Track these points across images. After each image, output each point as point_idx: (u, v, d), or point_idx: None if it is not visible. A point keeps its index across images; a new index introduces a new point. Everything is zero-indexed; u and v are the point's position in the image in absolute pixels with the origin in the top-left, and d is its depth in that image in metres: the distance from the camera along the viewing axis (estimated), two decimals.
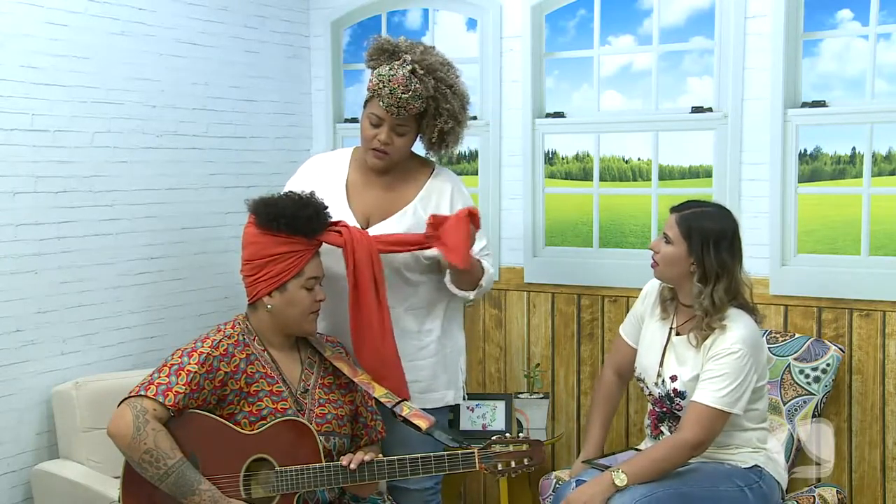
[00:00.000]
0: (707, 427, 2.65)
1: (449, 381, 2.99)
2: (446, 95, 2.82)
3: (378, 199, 2.90)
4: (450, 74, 2.85)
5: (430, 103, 2.81)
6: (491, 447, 2.56)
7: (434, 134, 2.86)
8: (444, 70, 2.83)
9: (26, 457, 3.19)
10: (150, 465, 2.37)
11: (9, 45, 3.09)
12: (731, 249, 2.73)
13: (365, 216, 2.89)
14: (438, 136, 2.87)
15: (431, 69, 2.80)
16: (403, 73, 2.74)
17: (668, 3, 3.61)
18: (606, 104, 3.77)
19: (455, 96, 2.85)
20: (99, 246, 3.39)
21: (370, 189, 2.91)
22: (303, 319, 2.60)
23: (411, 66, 2.76)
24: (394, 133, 2.82)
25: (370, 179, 2.92)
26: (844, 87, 3.35)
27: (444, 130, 2.85)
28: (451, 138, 2.90)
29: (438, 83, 2.80)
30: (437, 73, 2.80)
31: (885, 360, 3.29)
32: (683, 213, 2.76)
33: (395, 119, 2.79)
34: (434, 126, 2.84)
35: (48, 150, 3.21)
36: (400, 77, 2.74)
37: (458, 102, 2.86)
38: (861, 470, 3.36)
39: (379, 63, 2.82)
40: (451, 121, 2.85)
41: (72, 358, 3.31)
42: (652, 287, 2.98)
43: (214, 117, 3.83)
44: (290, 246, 2.57)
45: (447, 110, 2.82)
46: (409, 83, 2.74)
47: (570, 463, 3.51)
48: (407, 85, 2.74)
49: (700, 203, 2.82)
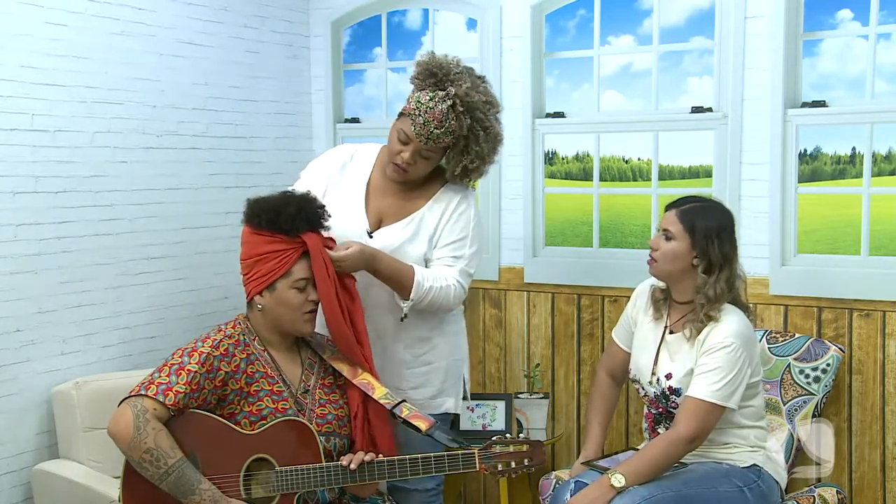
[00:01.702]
0: (701, 421, 2.65)
1: (450, 388, 2.98)
2: (479, 137, 2.79)
3: (393, 203, 2.90)
4: (489, 116, 2.81)
5: (461, 140, 2.79)
6: (491, 447, 2.56)
7: (458, 169, 2.84)
8: (484, 110, 2.79)
9: (26, 457, 3.19)
10: (151, 465, 2.37)
11: (9, 45, 3.09)
12: (731, 241, 2.77)
13: (378, 217, 2.90)
14: (462, 172, 2.85)
15: (472, 108, 2.76)
16: (441, 109, 2.71)
17: (668, 3, 3.61)
18: (606, 104, 3.77)
19: (487, 139, 2.81)
20: (99, 246, 3.39)
21: (387, 192, 2.91)
22: (295, 320, 2.60)
23: (452, 100, 2.73)
24: (418, 155, 2.80)
25: (388, 184, 2.92)
26: (844, 87, 3.35)
27: (468, 168, 2.84)
28: (475, 175, 2.89)
29: (474, 123, 2.77)
30: (475, 114, 2.77)
31: (885, 360, 3.29)
32: (683, 209, 2.77)
33: (424, 145, 2.77)
34: (459, 162, 2.83)
35: (48, 150, 3.21)
36: (437, 112, 2.71)
37: (489, 146, 2.82)
38: (861, 470, 3.36)
39: (423, 86, 2.78)
40: (478, 161, 2.83)
41: (72, 358, 3.31)
42: (642, 289, 2.98)
43: (214, 117, 3.83)
44: (275, 245, 2.56)
45: (476, 152, 2.81)
46: (444, 119, 2.72)
47: (570, 463, 3.51)
48: (441, 121, 2.72)
49: (696, 198, 2.84)
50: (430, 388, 2.94)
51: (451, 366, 2.97)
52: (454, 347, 2.99)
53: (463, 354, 3.04)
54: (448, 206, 2.89)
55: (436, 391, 2.95)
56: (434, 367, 2.94)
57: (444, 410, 2.97)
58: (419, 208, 2.89)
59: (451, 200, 2.90)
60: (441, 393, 2.96)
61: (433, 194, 2.91)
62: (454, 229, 2.88)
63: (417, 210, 2.89)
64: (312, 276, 2.59)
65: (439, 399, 2.96)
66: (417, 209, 2.89)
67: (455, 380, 3.00)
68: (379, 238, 2.85)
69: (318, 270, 2.58)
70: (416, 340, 2.91)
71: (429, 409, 2.87)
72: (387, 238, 2.85)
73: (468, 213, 2.90)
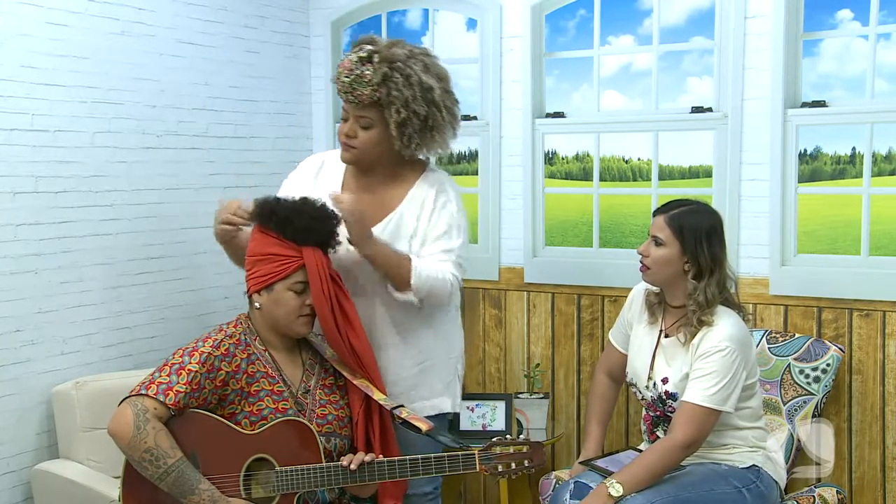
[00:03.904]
0: (698, 426, 2.65)
1: (446, 388, 2.90)
2: (398, 83, 2.67)
3: (372, 203, 2.81)
4: (410, 64, 2.69)
5: (382, 91, 2.68)
6: (491, 448, 2.56)
7: (393, 127, 2.71)
8: (405, 61, 2.69)
9: (26, 457, 3.19)
10: (150, 464, 2.37)
11: (9, 45, 3.09)
12: (720, 243, 2.77)
13: None
14: (398, 130, 2.70)
15: (389, 58, 2.68)
16: (352, 59, 2.69)
17: (668, 3, 3.61)
18: (606, 104, 3.77)
19: (409, 85, 2.67)
20: (99, 246, 3.39)
21: (365, 192, 2.83)
22: (291, 321, 2.60)
23: (367, 53, 2.68)
24: (357, 125, 2.74)
25: (365, 182, 2.85)
26: (844, 87, 3.35)
27: (399, 122, 2.69)
28: (413, 132, 2.71)
29: (392, 71, 2.67)
30: (394, 63, 2.68)
31: (885, 360, 3.29)
32: (671, 213, 2.77)
33: (354, 109, 2.71)
34: (390, 118, 2.70)
35: (48, 150, 3.21)
36: (346, 62, 2.69)
37: (412, 91, 2.67)
38: (861, 470, 3.36)
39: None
40: (405, 111, 2.67)
41: (72, 358, 3.31)
42: (637, 292, 2.98)
43: (214, 117, 3.83)
44: (280, 249, 2.56)
45: (397, 98, 2.67)
46: (354, 68, 2.67)
47: (570, 463, 3.51)
48: (352, 69, 2.67)
49: (682, 202, 2.82)
50: (425, 389, 2.86)
51: (446, 364, 2.90)
52: (449, 345, 2.91)
53: (458, 352, 2.96)
54: (426, 201, 2.81)
55: (432, 392, 2.87)
56: (428, 365, 2.86)
57: (441, 411, 2.89)
58: (396, 206, 2.81)
59: (427, 195, 2.81)
60: (437, 393, 2.88)
61: (409, 188, 2.83)
62: (438, 223, 2.79)
63: (395, 208, 2.81)
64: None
65: (436, 399, 2.88)
66: (395, 207, 2.81)
67: (451, 378, 2.92)
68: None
69: (314, 286, 2.57)
70: (409, 341, 2.83)
71: (426, 412, 2.82)
72: None
73: (449, 204, 2.82)
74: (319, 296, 2.57)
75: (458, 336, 2.97)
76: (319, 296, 2.57)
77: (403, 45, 2.75)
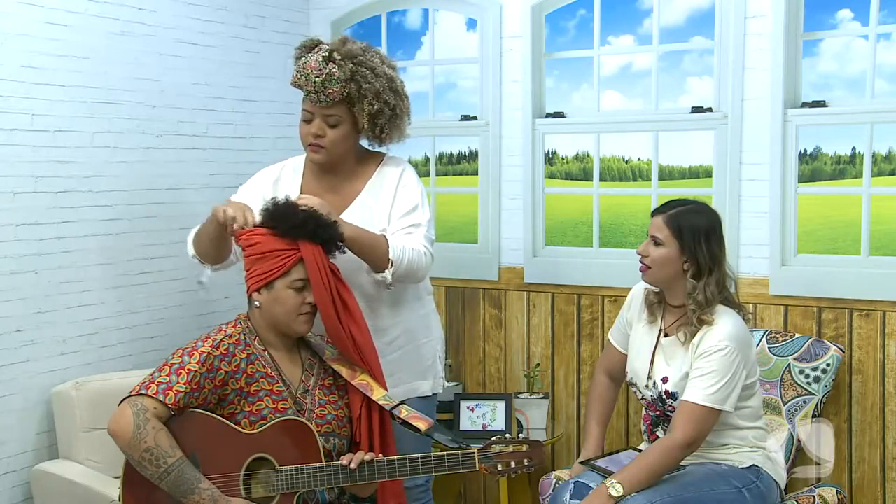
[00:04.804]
0: (698, 425, 2.65)
1: (425, 371, 2.94)
2: (366, 76, 2.75)
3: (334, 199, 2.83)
4: (371, 58, 2.78)
5: (352, 86, 2.74)
6: (491, 447, 2.56)
7: (365, 120, 2.78)
8: (364, 55, 2.77)
9: (26, 457, 3.19)
10: (150, 464, 2.37)
11: (9, 45, 3.09)
12: (719, 242, 2.77)
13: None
14: (370, 122, 2.79)
15: (350, 54, 2.75)
16: (316, 59, 2.72)
17: (668, 3, 3.61)
18: (606, 104, 3.77)
19: (377, 77, 2.76)
20: (99, 246, 3.39)
21: (326, 191, 2.86)
22: (290, 320, 2.60)
23: (327, 52, 2.74)
24: (325, 125, 2.78)
25: (326, 181, 2.89)
26: (844, 87, 3.35)
27: (372, 114, 2.77)
28: (384, 122, 2.80)
29: (358, 66, 2.75)
30: (356, 59, 2.75)
31: (885, 360, 3.29)
32: (669, 213, 2.77)
33: (322, 108, 2.76)
34: (362, 111, 2.77)
35: (48, 150, 3.22)
36: (312, 62, 2.72)
37: (381, 83, 2.76)
38: (861, 470, 3.36)
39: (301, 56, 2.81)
40: (378, 102, 2.76)
41: (72, 358, 3.31)
42: (636, 292, 2.98)
43: (214, 117, 3.83)
44: (278, 245, 2.57)
45: (369, 90, 2.75)
46: (321, 67, 2.71)
47: (570, 463, 3.51)
48: (320, 69, 2.71)
49: (680, 202, 2.83)
50: (404, 373, 2.89)
51: (423, 348, 2.94)
52: (426, 329, 2.96)
53: (436, 335, 3.00)
54: (387, 183, 2.86)
55: (410, 376, 2.91)
56: (406, 350, 2.90)
57: (420, 394, 2.92)
58: (357, 194, 2.86)
59: (387, 178, 2.87)
60: (416, 377, 2.92)
61: (368, 178, 2.89)
62: (403, 201, 2.84)
63: (357, 196, 2.86)
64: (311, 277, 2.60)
65: (414, 384, 2.92)
66: (356, 195, 2.86)
67: (431, 362, 2.96)
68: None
69: (314, 277, 2.58)
70: (386, 328, 2.86)
71: (404, 395, 2.83)
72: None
73: (412, 183, 2.88)
74: (320, 286, 2.57)
75: (434, 320, 3.02)
76: (320, 286, 2.57)
77: (353, 41, 2.82)
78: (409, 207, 2.84)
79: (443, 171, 4.05)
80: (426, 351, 2.96)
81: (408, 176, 2.89)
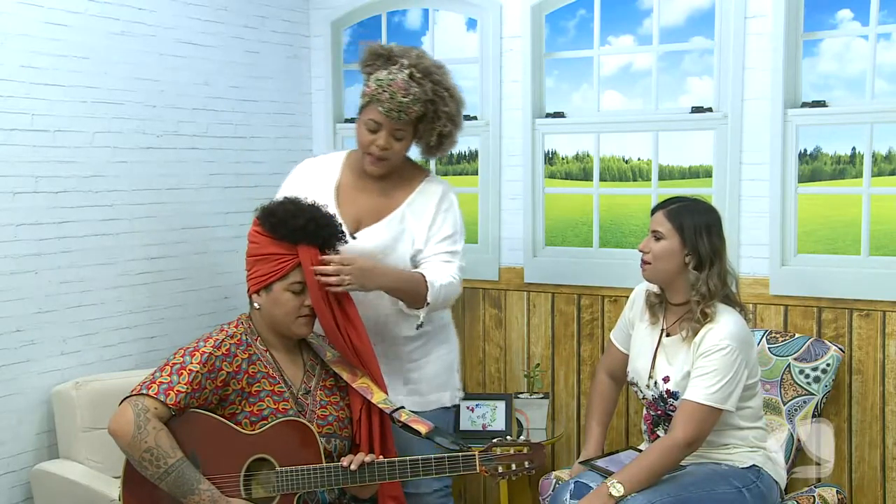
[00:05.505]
0: (699, 424, 2.65)
1: (444, 382, 2.97)
2: (444, 98, 2.81)
3: (370, 204, 2.88)
4: (446, 77, 2.84)
5: (429, 107, 2.80)
6: (491, 449, 2.56)
7: (433, 138, 2.85)
8: (440, 73, 2.83)
9: (26, 457, 3.19)
10: (151, 464, 2.37)
11: (9, 45, 3.09)
12: (720, 235, 2.79)
13: (356, 220, 2.87)
14: (437, 140, 2.86)
15: (428, 72, 2.79)
16: (402, 77, 2.74)
17: (668, 3, 3.61)
18: (606, 104, 3.77)
19: (452, 99, 2.84)
20: (99, 246, 3.39)
21: (363, 193, 2.89)
22: (289, 321, 2.60)
23: (409, 70, 2.76)
24: (392, 138, 2.80)
25: (364, 183, 2.90)
26: (844, 87, 3.35)
27: (442, 134, 2.85)
28: (449, 141, 2.90)
29: (436, 86, 2.80)
30: (433, 77, 2.80)
31: (885, 360, 3.29)
32: (670, 209, 2.78)
33: (394, 124, 2.78)
34: (433, 130, 2.83)
35: (48, 150, 3.21)
36: (399, 81, 2.74)
37: (455, 105, 2.85)
38: (861, 470, 3.36)
39: (375, 68, 2.82)
40: (450, 124, 2.84)
41: (72, 358, 3.31)
42: (638, 292, 2.98)
43: (214, 117, 3.83)
44: (277, 248, 2.58)
45: (445, 113, 2.81)
46: (408, 87, 2.74)
47: (570, 463, 3.51)
48: (407, 89, 2.74)
49: (680, 198, 2.85)
50: (424, 385, 2.93)
51: (443, 359, 2.97)
52: (445, 341, 2.99)
53: (453, 345, 3.04)
54: (430, 202, 2.88)
55: (431, 388, 2.94)
56: (426, 361, 2.93)
57: (441, 405, 2.96)
58: (398, 206, 2.88)
59: (431, 199, 2.89)
60: (436, 388, 2.95)
61: (411, 192, 2.90)
62: (444, 226, 2.87)
63: (397, 208, 2.88)
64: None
65: (434, 395, 2.95)
66: (396, 207, 2.88)
67: (449, 373, 3.00)
68: (363, 239, 2.82)
69: (311, 282, 2.58)
70: (408, 340, 2.90)
71: (425, 407, 2.87)
72: (371, 238, 2.83)
73: (454, 209, 2.92)
74: (315, 291, 2.57)
75: (451, 330, 3.06)
76: (315, 291, 2.57)
77: (424, 54, 2.85)
78: (447, 233, 2.87)
79: (443, 171, 4.05)
80: (445, 362, 2.98)
81: (449, 200, 2.92)
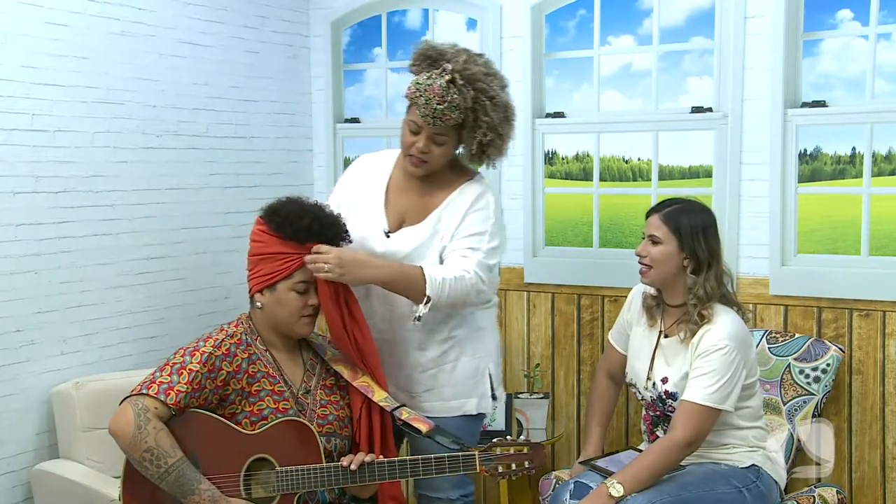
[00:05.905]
0: (698, 425, 2.65)
1: (471, 389, 2.83)
2: (486, 107, 2.69)
3: (413, 203, 2.81)
4: (492, 85, 2.71)
5: (469, 115, 2.69)
6: (492, 449, 2.56)
7: (474, 146, 2.74)
8: (486, 81, 2.70)
9: (26, 457, 3.19)
10: (151, 464, 2.37)
11: (9, 45, 3.09)
12: (716, 236, 2.79)
13: (399, 217, 2.81)
14: (478, 149, 2.75)
15: (472, 79, 2.68)
16: (440, 84, 2.64)
17: (668, 3, 3.61)
18: (606, 104, 3.77)
19: (496, 108, 2.70)
20: (99, 246, 3.39)
21: (407, 192, 2.83)
22: (293, 321, 2.60)
23: (451, 75, 2.65)
24: (432, 142, 2.72)
25: (409, 183, 2.83)
26: (844, 87, 3.35)
27: (483, 143, 2.73)
28: (493, 150, 2.76)
29: (478, 94, 2.68)
30: (477, 84, 2.68)
31: (885, 360, 3.29)
32: (666, 212, 2.78)
33: (433, 129, 2.69)
34: (473, 138, 2.72)
35: (48, 150, 3.22)
36: (436, 87, 2.64)
37: (498, 114, 2.71)
38: (861, 470, 3.36)
39: (420, 69, 2.73)
40: (491, 133, 2.70)
41: (72, 358, 3.31)
42: (636, 294, 2.98)
43: (214, 117, 3.83)
44: (283, 247, 2.57)
45: (486, 122, 2.69)
46: (445, 94, 2.64)
47: (570, 463, 3.51)
48: (443, 96, 2.64)
49: (674, 200, 2.84)
50: (447, 389, 2.81)
51: (472, 365, 2.83)
52: (478, 345, 2.84)
53: (487, 351, 2.86)
54: (464, 202, 2.78)
55: (454, 392, 2.82)
56: (451, 366, 2.81)
57: (464, 412, 2.82)
58: (435, 207, 2.79)
59: (469, 197, 2.79)
60: (460, 394, 2.82)
61: (451, 192, 2.81)
62: (473, 224, 2.75)
63: (434, 210, 2.79)
64: (314, 280, 2.60)
65: (457, 401, 2.82)
66: (435, 208, 2.79)
67: (479, 379, 2.84)
68: (396, 240, 2.77)
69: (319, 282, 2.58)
70: (435, 343, 2.80)
71: (445, 412, 2.78)
72: (404, 240, 2.77)
73: (488, 209, 2.79)
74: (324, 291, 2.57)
75: (490, 335, 2.90)
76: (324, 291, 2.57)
77: (475, 59, 2.73)
78: (473, 231, 2.75)
79: None
80: (474, 367, 2.84)
81: (485, 200, 2.80)
